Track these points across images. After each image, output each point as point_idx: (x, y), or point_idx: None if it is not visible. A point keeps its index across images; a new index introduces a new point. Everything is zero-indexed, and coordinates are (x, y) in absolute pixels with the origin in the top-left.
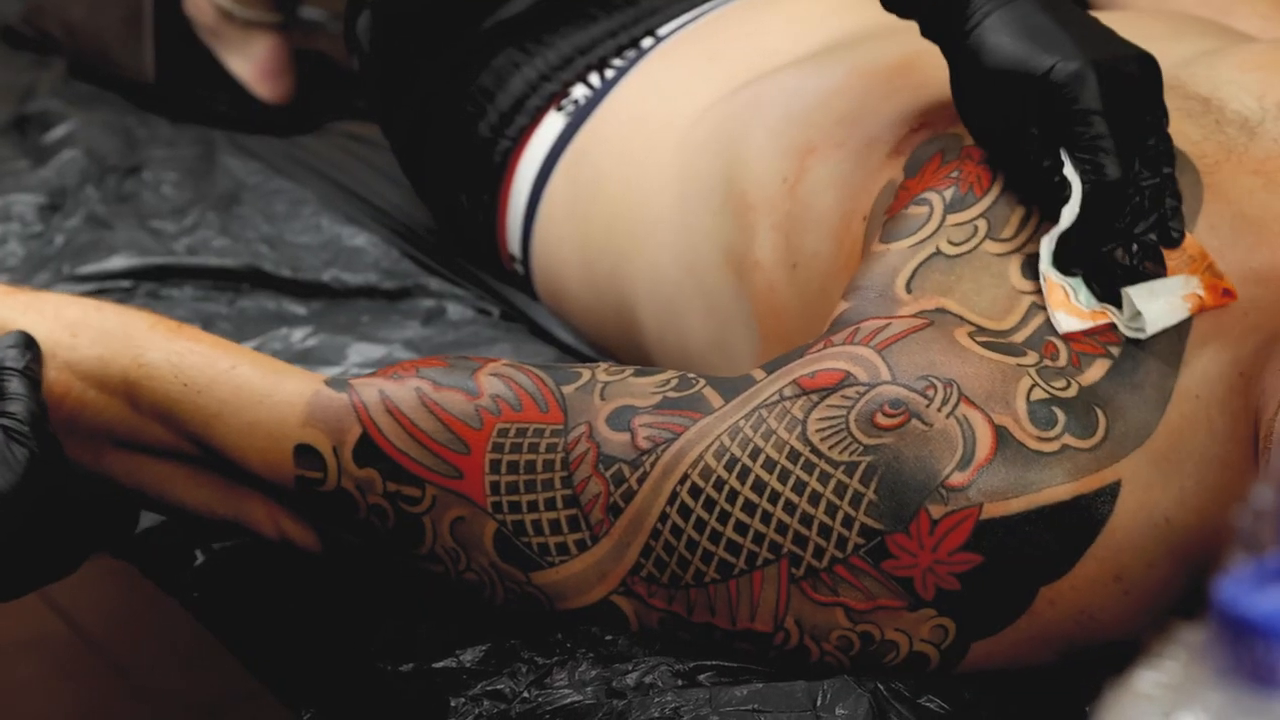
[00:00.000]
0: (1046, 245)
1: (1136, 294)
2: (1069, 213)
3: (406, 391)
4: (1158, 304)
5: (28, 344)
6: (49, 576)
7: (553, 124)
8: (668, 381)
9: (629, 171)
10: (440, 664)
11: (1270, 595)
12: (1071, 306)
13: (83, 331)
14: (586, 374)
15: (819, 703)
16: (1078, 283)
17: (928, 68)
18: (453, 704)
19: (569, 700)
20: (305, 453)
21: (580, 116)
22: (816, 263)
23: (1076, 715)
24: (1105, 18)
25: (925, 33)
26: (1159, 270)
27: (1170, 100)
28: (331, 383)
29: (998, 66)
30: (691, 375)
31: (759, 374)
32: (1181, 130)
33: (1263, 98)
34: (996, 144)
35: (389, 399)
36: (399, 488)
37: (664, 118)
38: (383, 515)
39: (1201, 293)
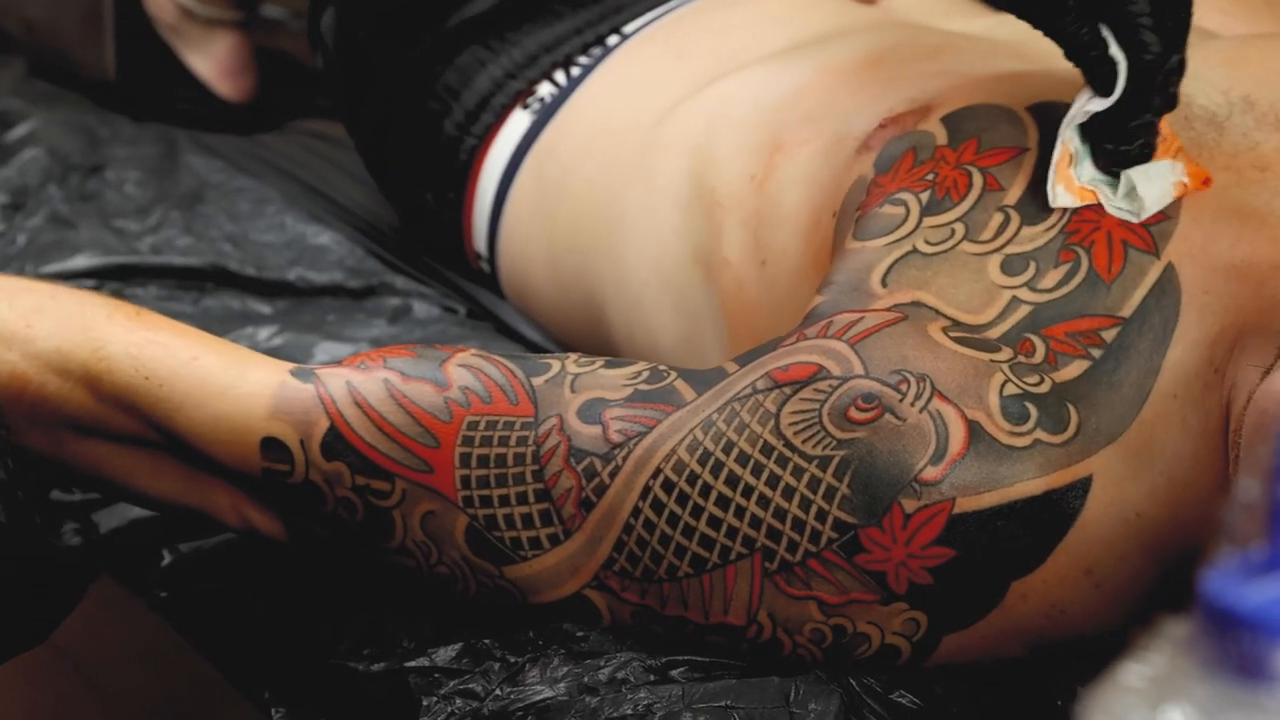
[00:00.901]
0: (1079, 107)
1: (1136, 176)
2: (1117, 90)
3: (374, 383)
4: (1154, 187)
5: None
6: (18, 647)
7: (518, 122)
8: (639, 374)
9: (595, 169)
10: (412, 663)
11: (1257, 588)
12: (1070, 179)
13: (38, 322)
14: (556, 365)
15: (792, 698)
16: (1085, 151)
17: (895, 64)
18: (425, 703)
19: (541, 697)
20: (272, 446)
21: (546, 114)
22: (785, 260)
23: (1047, 709)
24: None
25: None
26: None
27: None
28: (297, 373)
29: None
30: (663, 367)
31: (731, 366)
32: None
33: (1228, 92)
34: (1033, 12)
35: (356, 391)
36: (368, 481)
37: (630, 115)
38: (351, 508)
39: (1186, 180)
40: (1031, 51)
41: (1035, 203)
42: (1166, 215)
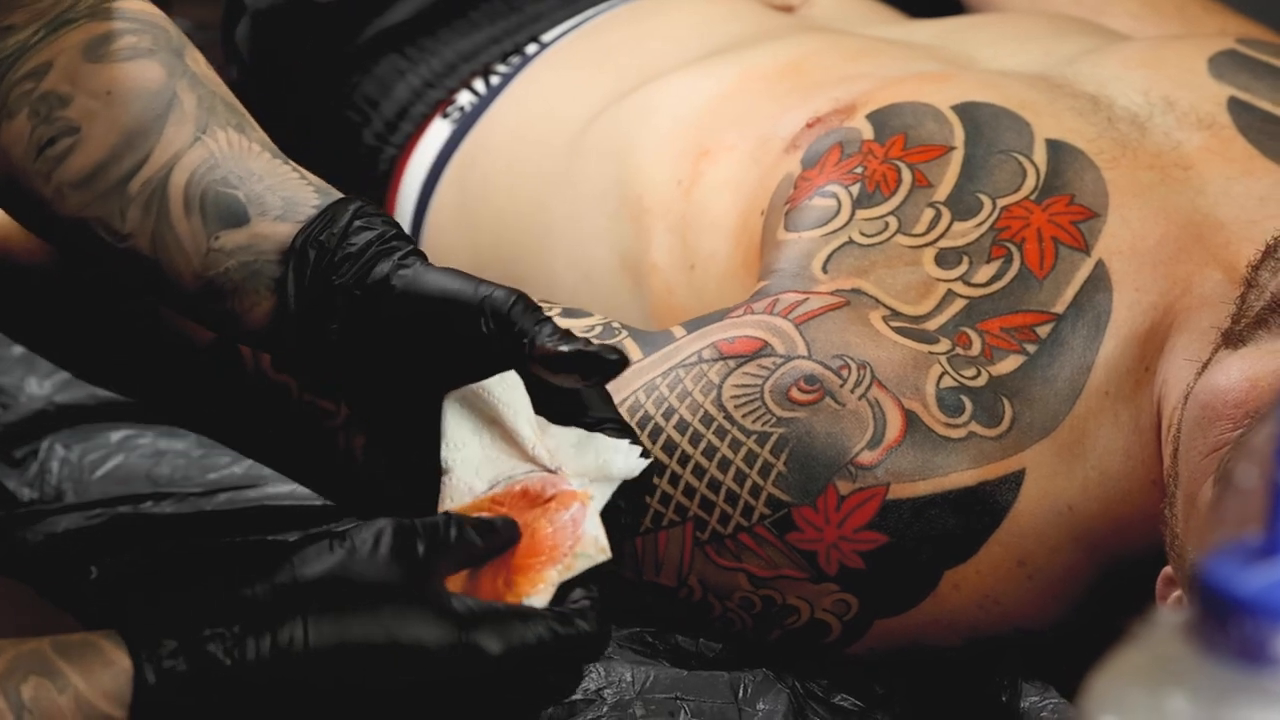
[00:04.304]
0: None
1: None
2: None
3: None
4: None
5: None
6: None
7: (438, 131)
8: (592, 327)
9: (519, 179)
10: None
11: (1255, 573)
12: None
13: None
14: None
15: (740, 695)
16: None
17: (817, 68)
18: None
19: None
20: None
21: (466, 123)
22: (714, 263)
23: (987, 705)
24: (985, 19)
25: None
26: None
27: (1060, 99)
28: None
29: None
30: (616, 324)
31: (679, 331)
32: (1076, 129)
33: (1148, 93)
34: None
35: None
36: (313, 400)
37: (553, 124)
38: (295, 422)
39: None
40: (950, 54)
41: (964, 200)
42: (1095, 212)
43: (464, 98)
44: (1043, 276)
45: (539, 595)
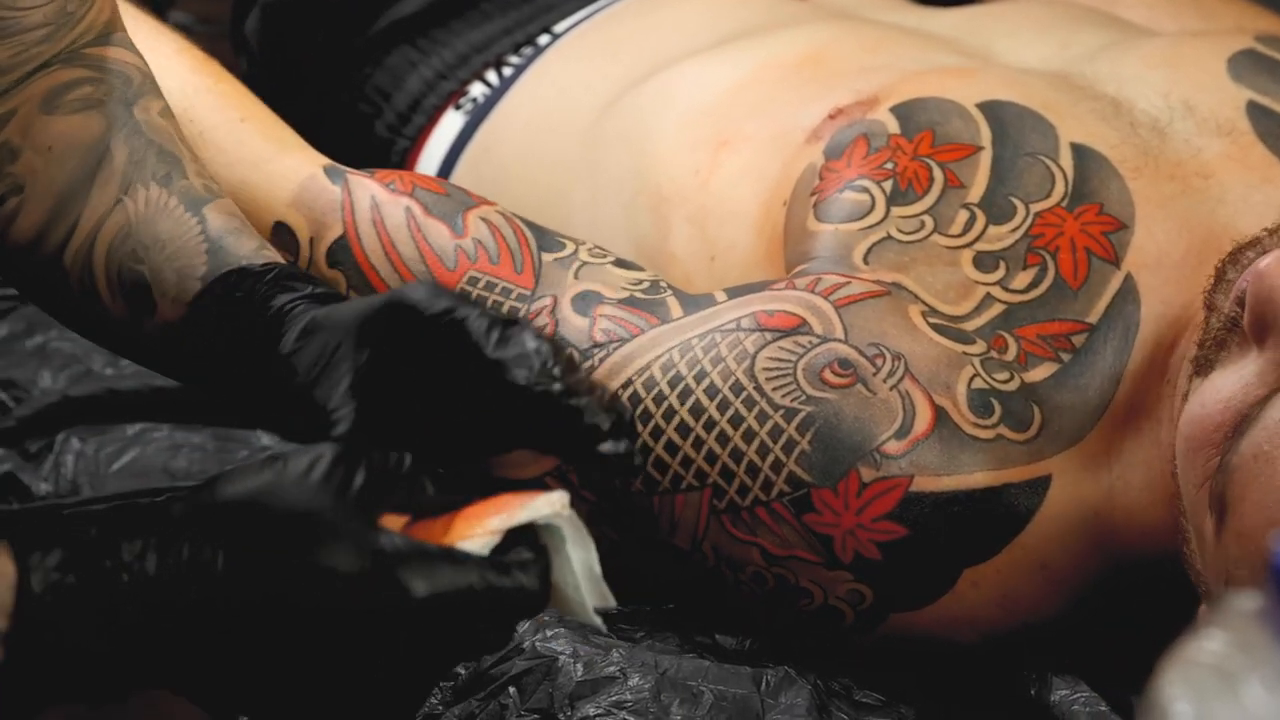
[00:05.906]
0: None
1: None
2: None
3: (396, 208)
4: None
5: None
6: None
7: (451, 123)
8: (640, 281)
9: (536, 169)
10: None
11: None
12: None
13: None
14: (570, 247)
15: (763, 688)
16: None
17: (837, 58)
18: None
19: (517, 669)
20: (283, 231)
21: (479, 115)
22: (735, 253)
23: (1016, 699)
24: (1001, 9)
25: None
26: None
27: (1082, 101)
28: (329, 170)
29: None
30: (663, 282)
31: (721, 296)
32: (1099, 134)
33: (1168, 96)
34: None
35: (378, 209)
36: None
37: (568, 114)
38: None
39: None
40: (968, 46)
41: (997, 203)
42: (1123, 224)
43: (476, 89)
44: (1077, 287)
45: (474, 541)
